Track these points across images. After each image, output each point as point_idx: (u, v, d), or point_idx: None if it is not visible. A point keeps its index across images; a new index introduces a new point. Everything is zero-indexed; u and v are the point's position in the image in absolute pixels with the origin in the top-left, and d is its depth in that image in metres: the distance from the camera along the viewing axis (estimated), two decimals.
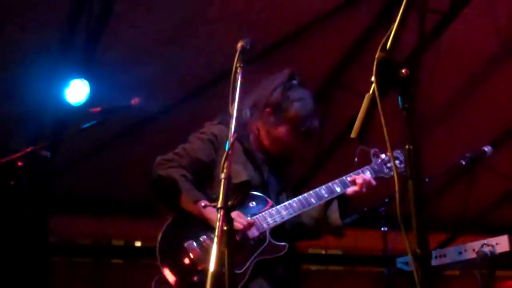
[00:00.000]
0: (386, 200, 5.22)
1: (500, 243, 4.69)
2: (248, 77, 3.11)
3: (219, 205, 2.72)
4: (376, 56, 1.91)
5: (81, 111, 5.74)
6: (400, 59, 1.92)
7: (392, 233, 5.15)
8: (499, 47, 7.55)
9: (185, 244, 3.47)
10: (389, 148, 1.97)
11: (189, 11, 6.32)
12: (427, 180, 5.08)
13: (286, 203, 3.65)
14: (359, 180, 3.69)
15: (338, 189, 3.70)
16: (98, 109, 4.49)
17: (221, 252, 2.66)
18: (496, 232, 7.68)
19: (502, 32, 7.32)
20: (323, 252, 10.69)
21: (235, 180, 3.43)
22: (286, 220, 3.63)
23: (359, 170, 3.77)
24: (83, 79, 6.04)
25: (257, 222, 3.55)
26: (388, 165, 3.79)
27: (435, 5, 6.76)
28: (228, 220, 2.75)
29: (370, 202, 5.36)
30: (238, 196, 3.47)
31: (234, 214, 3.29)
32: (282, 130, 3.73)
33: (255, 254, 3.51)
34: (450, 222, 9.31)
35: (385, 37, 1.98)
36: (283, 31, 6.87)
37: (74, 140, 6.27)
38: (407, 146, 1.89)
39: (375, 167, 3.79)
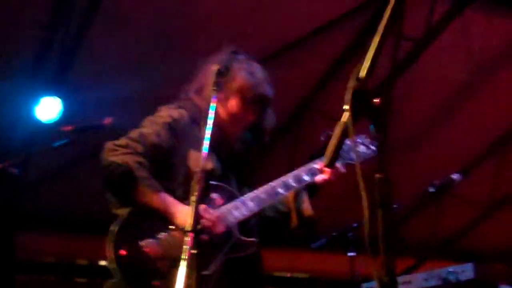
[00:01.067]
0: (354, 225, 5.27)
1: (465, 271, 4.74)
2: None
3: (188, 228, 2.64)
4: (350, 84, 1.92)
5: (53, 129, 5.69)
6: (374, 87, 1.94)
7: (360, 258, 5.18)
8: (470, 76, 7.67)
9: (142, 243, 3.12)
10: (351, 134, 1.94)
11: (166, 28, 6.33)
12: (395, 206, 5.13)
13: (251, 194, 3.35)
14: (322, 176, 3.44)
15: (306, 178, 3.46)
16: (70, 127, 4.45)
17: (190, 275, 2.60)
18: (462, 258, 7.77)
19: (474, 61, 7.43)
20: (289, 275, 10.67)
21: (198, 168, 3.11)
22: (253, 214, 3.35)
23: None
24: (55, 97, 6.00)
25: (223, 215, 3.22)
26: (358, 149, 3.54)
27: (410, 32, 6.84)
28: (197, 243, 2.71)
29: (338, 226, 5.41)
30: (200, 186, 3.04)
31: (201, 209, 3.02)
32: (232, 103, 3.45)
33: (223, 252, 3.18)
34: (418, 247, 9.37)
35: (359, 65, 2.00)
36: (262, 53, 6.89)
37: (44, 158, 6.23)
38: (377, 175, 1.90)
39: (343, 153, 3.47)
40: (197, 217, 2.71)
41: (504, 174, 8.80)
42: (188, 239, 2.67)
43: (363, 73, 1.91)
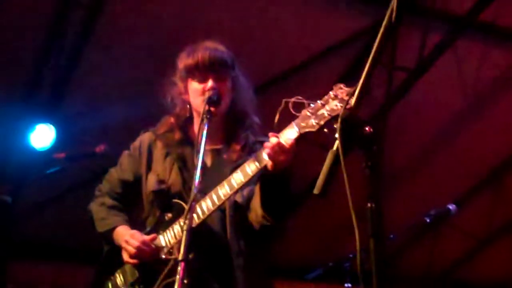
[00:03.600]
0: (350, 255, 5.22)
1: None
2: None
3: (180, 257, 2.59)
4: (341, 113, 1.92)
5: (46, 156, 5.67)
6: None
7: None
8: (465, 104, 7.68)
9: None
10: (341, 161, 1.92)
11: (161, 55, 6.33)
12: (391, 236, 5.10)
13: (197, 204, 2.98)
14: (267, 145, 2.82)
15: (252, 167, 2.92)
16: (63, 155, 4.45)
17: None
18: None
19: (468, 89, 7.45)
20: None
21: (151, 188, 3.24)
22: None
23: (282, 132, 2.88)
24: (49, 124, 6.00)
25: (164, 237, 3.14)
26: (320, 112, 2.76)
27: (403, 62, 6.87)
28: (189, 272, 2.66)
29: (334, 257, 5.37)
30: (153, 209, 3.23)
31: (127, 235, 3.15)
32: (190, 86, 3.25)
33: (161, 278, 2.95)
34: (415, 278, 9.30)
35: (350, 94, 1.99)
36: (256, 82, 6.85)
37: (37, 185, 6.19)
38: (369, 204, 1.88)
39: (300, 122, 2.82)
40: (188, 246, 2.65)
41: (500, 204, 8.77)
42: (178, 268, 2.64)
43: (353, 101, 1.90)
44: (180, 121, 3.31)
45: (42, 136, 5.99)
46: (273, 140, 2.81)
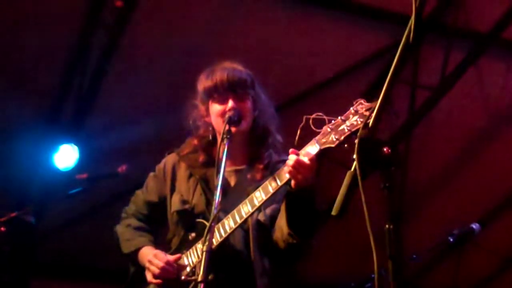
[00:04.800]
0: (372, 275, 5.17)
1: None
2: None
3: (199, 279, 2.59)
4: (358, 133, 1.91)
5: (69, 177, 5.70)
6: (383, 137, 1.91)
7: None
8: (489, 122, 7.61)
9: None
10: (359, 182, 1.90)
11: (180, 77, 6.37)
12: (414, 256, 5.05)
13: (220, 223, 3.00)
14: (288, 162, 2.86)
15: (273, 185, 2.94)
16: (85, 175, 4.48)
17: None
18: None
19: (492, 107, 7.39)
20: None
21: (174, 208, 3.25)
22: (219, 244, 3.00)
23: (303, 149, 2.91)
24: (72, 145, 6.04)
25: (187, 257, 3.17)
26: (340, 128, 2.77)
27: (425, 80, 6.83)
28: None
29: (356, 277, 5.32)
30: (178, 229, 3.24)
31: (150, 255, 3.16)
32: (211, 108, 3.25)
33: None
34: None
35: (370, 111, 1.98)
36: (281, 99, 6.88)
37: (60, 206, 6.23)
38: (387, 226, 1.86)
39: (321, 138, 2.84)
40: (208, 267, 2.64)
41: None
42: None
43: (371, 121, 1.89)
44: (204, 142, 3.32)
45: (65, 156, 6.03)
46: (292, 157, 2.83)
